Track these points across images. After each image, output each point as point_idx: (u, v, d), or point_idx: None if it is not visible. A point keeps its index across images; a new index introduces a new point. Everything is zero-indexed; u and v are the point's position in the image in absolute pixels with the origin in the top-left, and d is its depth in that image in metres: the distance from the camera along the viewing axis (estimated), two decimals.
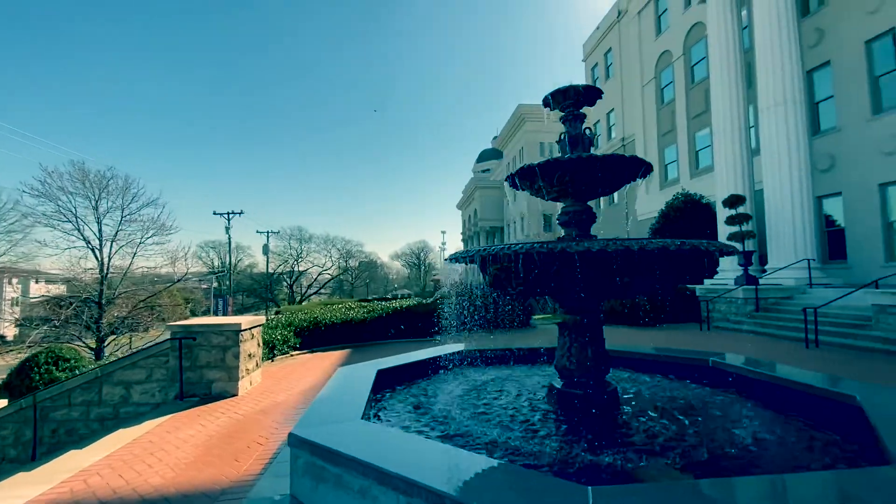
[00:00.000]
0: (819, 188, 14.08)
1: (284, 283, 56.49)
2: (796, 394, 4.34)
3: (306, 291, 55.63)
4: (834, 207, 14.59)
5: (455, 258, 4.58)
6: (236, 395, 5.97)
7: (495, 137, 71.27)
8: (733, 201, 13.89)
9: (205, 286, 48.86)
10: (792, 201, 13.25)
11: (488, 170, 67.70)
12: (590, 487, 2.16)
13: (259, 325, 6.98)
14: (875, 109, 13.15)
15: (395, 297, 46.58)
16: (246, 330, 6.34)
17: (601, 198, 28.42)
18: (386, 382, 5.00)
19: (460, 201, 68.80)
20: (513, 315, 13.41)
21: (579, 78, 34.06)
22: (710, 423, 3.90)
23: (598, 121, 30.44)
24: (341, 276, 62.99)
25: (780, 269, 13.33)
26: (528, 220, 44.36)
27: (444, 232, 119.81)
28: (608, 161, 4.02)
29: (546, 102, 4.71)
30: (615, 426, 3.89)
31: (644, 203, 24.01)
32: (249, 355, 6.49)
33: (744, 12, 16.40)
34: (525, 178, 4.35)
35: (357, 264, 67.14)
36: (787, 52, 13.41)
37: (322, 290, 58.48)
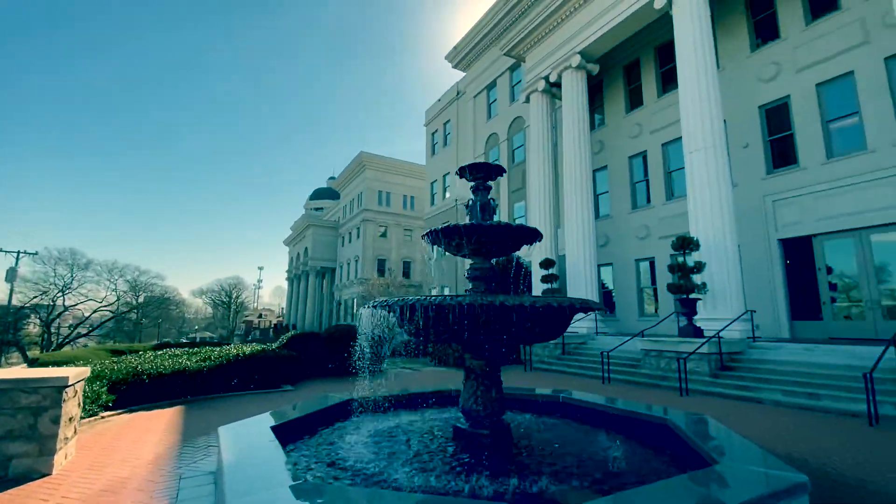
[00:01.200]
0: (599, 259, 18.51)
1: (33, 323, 42.54)
2: (627, 419, 5.68)
3: (71, 333, 42.82)
4: (606, 274, 19.30)
5: (377, 305, 4.70)
6: (50, 474, 4.45)
7: (332, 178, 70.77)
8: (546, 264, 17.11)
9: None
10: (584, 267, 17.04)
11: (321, 208, 66.21)
12: None
13: (83, 379, 5.40)
14: (633, 206, 18.29)
15: (195, 341, 39.67)
16: (71, 385, 4.88)
17: (434, 246, 30.81)
18: (284, 438, 4.56)
19: (289, 238, 64.85)
20: (363, 362, 13.32)
21: (420, 138, 37.27)
22: (586, 448, 4.82)
23: (436, 180, 33.62)
24: (125, 315, 50.94)
25: (577, 319, 16.77)
26: (363, 263, 44.62)
27: (261, 268, 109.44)
28: (516, 229, 4.85)
29: (461, 173, 5.41)
30: (518, 457, 4.46)
31: None
32: (70, 419, 4.96)
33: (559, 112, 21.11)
34: (448, 234, 4.85)
35: (143, 299, 55.36)
36: (581, 155, 17.69)
37: (93, 332, 46.01)
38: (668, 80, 17.18)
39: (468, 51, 28.87)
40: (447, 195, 32.25)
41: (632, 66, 18.86)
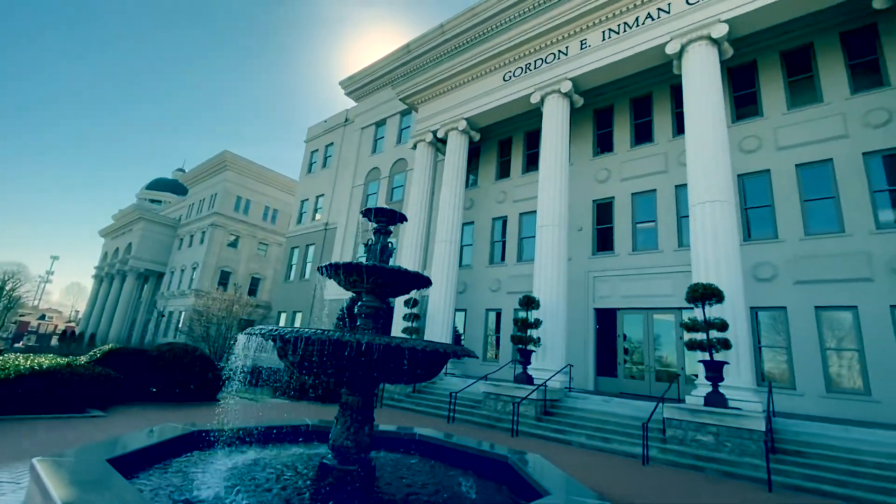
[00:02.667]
0: (457, 304, 20.02)
1: None
2: (475, 457, 6.39)
3: None
4: (460, 318, 20.91)
5: (255, 333, 4.60)
6: None
7: (180, 170, 62.15)
8: (412, 303, 17.85)
9: None
10: (443, 310, 18.25)
11: (160, 202, 57.14)
12: None
13: None
14: (490, 261, 20.50)
15: None
16: None
17: (293, 270, 28.86)
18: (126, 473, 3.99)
19: (109, 228, 53.76)
20: (198, 391, 11.85)
21: (288, 150, 35.64)
22: (441, 482, 5.29)
23: (308, 199, 32.41)
24: None
25: None
26: (203, 272, 39.43)
27: (55, 258, 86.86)
28: (412, 275, 5.32)
29: (366, 214, 5.73)
30: (381, 493, 4.70)
31: (334, 287, 26.52)
32: None
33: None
34: (349, 271, 5.07)
35: None
36: (455, 208, 19.37)
37: None
38: (531, 162, 20.24)
39: (364, 84, 29.48)
40: (317, 217, 31.27)
41: (505, 142, 21.72)
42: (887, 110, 12.35)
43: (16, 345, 42.15)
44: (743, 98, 15.23)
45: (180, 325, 37.05)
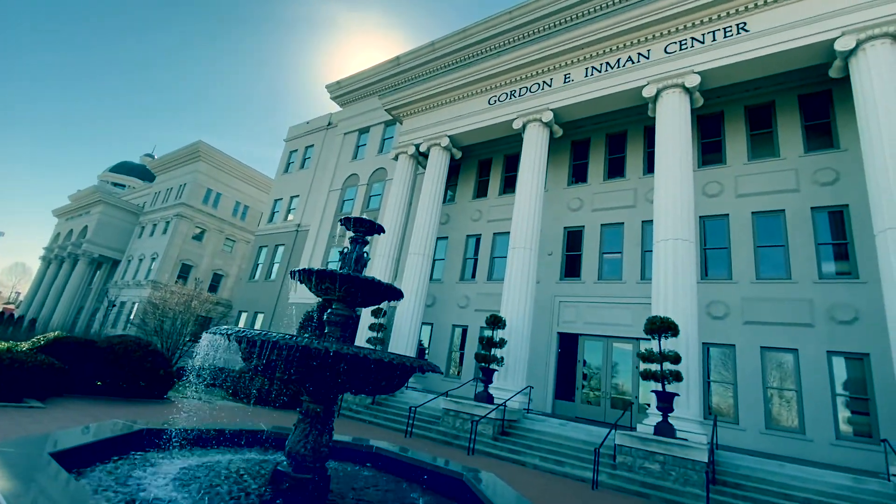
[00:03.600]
0: (424, 317, 20.03)
1: None
2: (431, 473, 6.41)
3: None
4: (426, 332, 20.89)
5: (221, 333, 4.56)
6: None
7: (149, 155, 59.95)
8: (377, 313, 17.75)
9: None
10: (410, 322, 18.21)
11: (124, 185, 54.76)
12: None
13: None
14: (461, 278, 20.69)
15: None
16: None
17: (259, 270, 28.20)
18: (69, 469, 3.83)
19: (64, 208, 50.92)
20: (148, 388, 11.35)
21: (276, 152, 34.97)
22: (396, 496, 5.29)
23: (282, 199, 31.87)
24: None
25: None
26: (163, 263, 37.85)
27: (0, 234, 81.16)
28: (385, 287, 5.39)
29: (345, 223, 5.78)
30: (337, 502, 4.67)
31: (299, 291, 26.01)
32: None
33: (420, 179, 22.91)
34: (321, 277, 5.09)
35: None
36: (431, 222, 19.54)
37: None
38: (508, 184, 20.72)
39: (351, 90, 29.55)
40: (290, 217, 30.74)
41: (485, 162, 22.19)
42: (835, 170, 13.44)
43: None
44: (709, 145, 16.23)
45: (132, 317, 35.28)
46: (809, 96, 14.84)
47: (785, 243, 13.61)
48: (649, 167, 16.84)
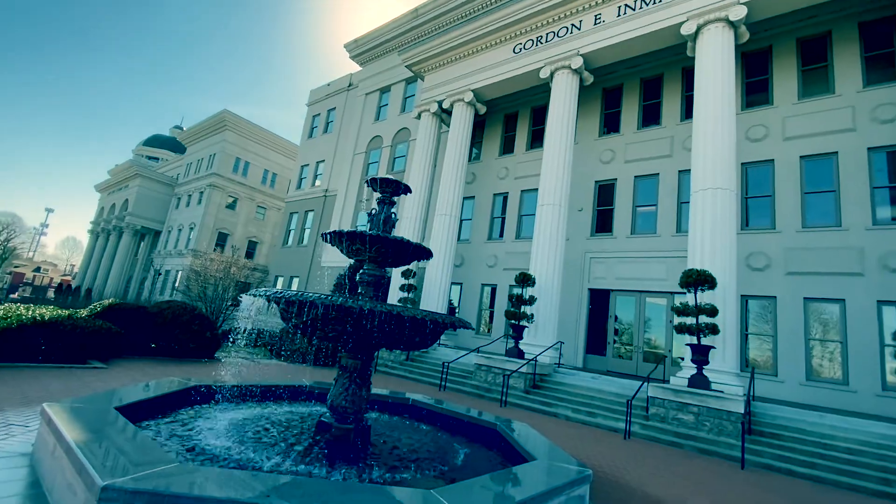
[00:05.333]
0: (453, 277, 20.21)
1: None
2: (466, 423, 6.66)
3: None
4: (455, 292, 21.15)
5: (260, 295, 4.71)
6: None
7: (178, 127, 61.07)
8: (408, 274, 18.01)
9: None
10: (440, 282, 18.44)
11: (157, 158, 56.38)
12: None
13: None
14: (489, 237, 20.58)
15: None
16: None
17: (291, 236, 28.91)
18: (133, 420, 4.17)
19: (105, 183, 53.19)
20: (197, 349, 12.09)
21: (300, 117, 34.82)
22: (433, 445, 5.55)
23: (308, 165, 32.07)
24: None
25: None
26: (200, 233, 39.37)
27: (50, 210, 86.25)
28: (415, 247, 5.41)
29: (372, 184, 5.76)
30: (376, 450, 4.93)
31: (332, 254, 26.61)
32: None
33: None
34: (352, 238, 5.15)
35: None
36: (457, 182, 19.27)
37: None
38: (536, 138, 20.04)
39: (370, 48, 28.72)
40: (317, 183, 31.03)
41: (511, 116, 21.43)
42: None
43: (11, 295, 42.43)
44: (754, 85, 15.02)
45: (177, 284, 37.28)
46: (872, 23, 13.35)
47: (836, 188, 12.73)
48: (687, 113, 15.84)
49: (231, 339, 17.02)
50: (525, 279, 13.98)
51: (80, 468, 2.85)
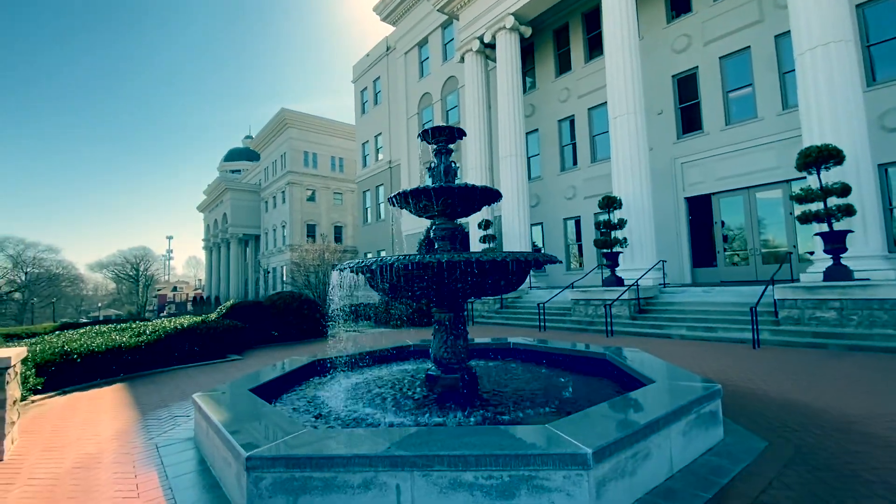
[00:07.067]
0: (531, 218, 19.60)
1: None
2: (572, 358, 6.49)
3: None
4: (537, 232, 20.55)
5: (344, 268, 4.85)
6: (1, 460, 4.19)
7: (248, 137, 65.45)
8: (485, 225, 17.83)
9: None
10: (518, 226, 18.00)
11: (239, 171, 61.42)
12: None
13: (22, 357, 4.97)
14: (561, 168, 19.42)
15: (99, 320, 35.79)
16: (12, 366, 4.49)
17: (369, 213, 29.90)
18: (264, 398, 4.67)
19: (204, 203, 59.63)
20: (310, 331, 13.27)
21: (349, 96, 35.29)
22: (542, 382, 5.50)
23: (368, 141, 32.62)
24: (7, 295, 44.47)
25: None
26: (292, 228, 42.70)
27: (170, 237, 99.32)
28: (481, 191, 5.17)
29: (424, 137, 5.54)
30: (486, 395, 5.01)
31: (409, 222, 27.26)
32: (14, 402, 4.60)
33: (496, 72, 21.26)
34: (416, 196, 5.05)
35: (29, 277, 48.74)
36: (515, 119, 18.23)
37: None
38: (594, 46, 18.03)
39: (397, 3, 27.63)
40: (380, 157, 31.55)
41: (561, 30, 19.44)
42: None
43: (161, 314, 50.35)
44: None
45: (284, 278, 41.23)
46: None
47: None
48: None
49: (339, 318, 18.49)
50: (610, 203, 13.03)
51: (228, 444, 3.22)
